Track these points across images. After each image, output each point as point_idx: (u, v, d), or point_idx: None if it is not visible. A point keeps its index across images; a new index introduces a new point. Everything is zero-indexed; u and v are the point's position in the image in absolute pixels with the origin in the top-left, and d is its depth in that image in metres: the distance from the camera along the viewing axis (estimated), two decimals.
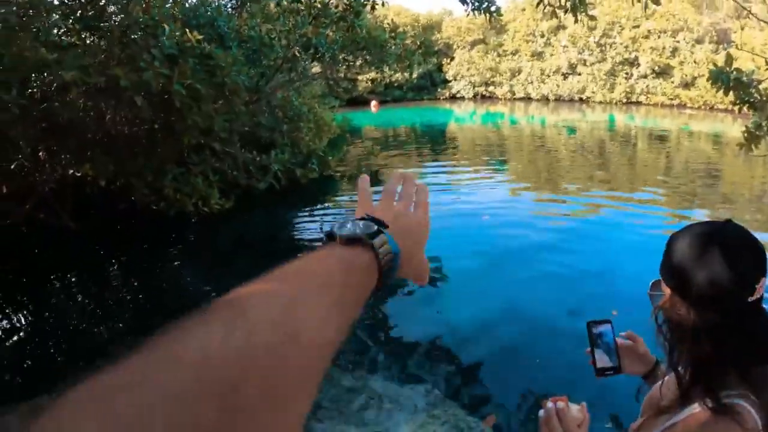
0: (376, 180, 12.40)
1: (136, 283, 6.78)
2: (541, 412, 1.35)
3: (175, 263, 7.41)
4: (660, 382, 1.27)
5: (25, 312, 6.16)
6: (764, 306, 1.08)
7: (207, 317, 0.35)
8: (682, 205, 9.77)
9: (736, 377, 1.08)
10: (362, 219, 0.59)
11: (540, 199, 10.40)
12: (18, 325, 5.80)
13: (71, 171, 8.41)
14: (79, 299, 6.37)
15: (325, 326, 0.41)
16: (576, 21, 7.15)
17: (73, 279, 6.92)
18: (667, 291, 1.16)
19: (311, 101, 11.97)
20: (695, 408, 1.11)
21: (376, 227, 0.56)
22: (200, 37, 7.13)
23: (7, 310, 6.14)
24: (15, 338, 5.38)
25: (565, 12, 7.11)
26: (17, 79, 6.46)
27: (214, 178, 8.29)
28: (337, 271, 0.48)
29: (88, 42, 7.55)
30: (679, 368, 1.16)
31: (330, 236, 0.56)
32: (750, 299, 1.06)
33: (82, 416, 0.27)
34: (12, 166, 7.87)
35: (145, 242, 8.01)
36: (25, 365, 4.84)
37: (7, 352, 5.02)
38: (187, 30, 7.10)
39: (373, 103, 32.23)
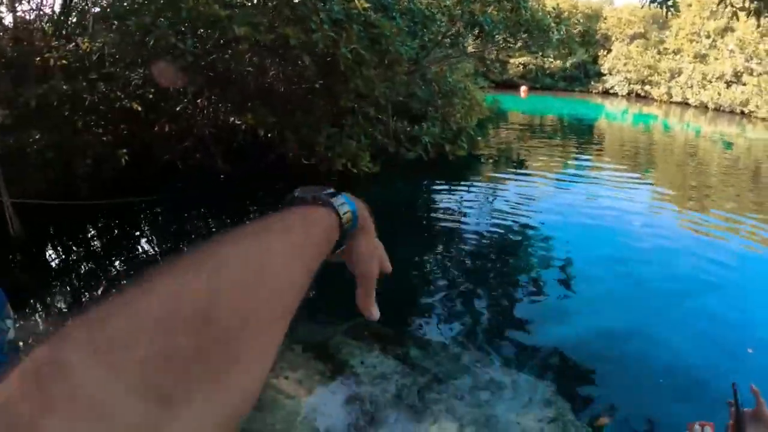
0: (520, 166, 12.33)
1: None
2: None
3: None
4: None
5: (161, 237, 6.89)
6: None
7: (181, 261, 0.37)
8: None
9: None
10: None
11: (682, 212, 9.69)
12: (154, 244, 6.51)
13: (231, 119, 8.93)
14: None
15: (290, 268, 0.44)
16: (758, 26, 6.47)
17: (216, 214, 7.56)
18: None
19: (464, 79, 11.90)
20: None
21: (331, 190, 0.61)
22: (367, 5, 7.18)
23: (147, 230, 6.97)
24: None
25: (748, 14, 6.40)
26: (191, 32, 6.95)
27: (365, 142, 8.48)
28: (299, 224, 0.52)
29: (256, 2, 7.90)
30: None
31: (289, 202, 0.59)
32: None
33: (74, 341, 0.30)
34: (177, 109, 8.50)
35: (288, 192, 8.32)
36: None
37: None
38: None
39: (523, 88, 31.40)
